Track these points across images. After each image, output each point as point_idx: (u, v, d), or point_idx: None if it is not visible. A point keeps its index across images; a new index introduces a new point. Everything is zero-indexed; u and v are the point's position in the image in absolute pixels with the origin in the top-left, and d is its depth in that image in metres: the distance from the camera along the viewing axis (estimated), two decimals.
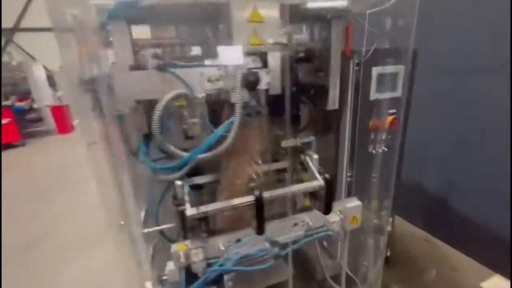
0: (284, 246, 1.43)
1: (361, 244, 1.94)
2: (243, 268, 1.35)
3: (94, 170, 1.19)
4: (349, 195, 1.92)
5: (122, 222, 1.43)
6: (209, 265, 1.32)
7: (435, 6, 2.31)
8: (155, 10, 1.04)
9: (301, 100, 1.53)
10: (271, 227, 1.45)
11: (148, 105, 1.14)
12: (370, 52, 1.63)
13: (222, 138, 1.13)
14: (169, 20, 1.31)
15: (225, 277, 1.74)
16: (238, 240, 1.37)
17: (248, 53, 1.00)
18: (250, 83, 0.93)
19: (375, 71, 1.69)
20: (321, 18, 1.37)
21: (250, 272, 1.45)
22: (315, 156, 1.62)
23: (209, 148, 1.12)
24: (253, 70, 1.00)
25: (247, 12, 0.95)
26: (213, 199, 1.50)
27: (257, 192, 1.06)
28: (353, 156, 1.86)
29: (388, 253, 2.34)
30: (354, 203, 1.58)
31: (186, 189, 1.34)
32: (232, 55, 0.98)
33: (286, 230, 1.46)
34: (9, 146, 6.61)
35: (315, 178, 1.55)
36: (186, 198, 1.33)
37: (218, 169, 1.48)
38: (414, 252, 2.56)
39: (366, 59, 1.65)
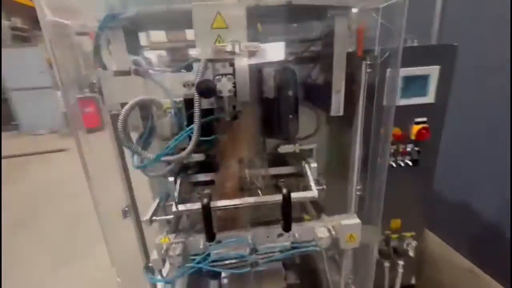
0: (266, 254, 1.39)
1: (373, 266, 1.76)
2: (220, 269, 1.38)
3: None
4: (360, 210, 1.74)
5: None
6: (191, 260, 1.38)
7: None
8: (139, 18, 1.12)
9: (299, 106, 1.44)
10: (256, 233, 1.43)
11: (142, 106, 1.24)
12: (387, 53, 1.43)
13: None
14: (155, 27, 1.38)
15: (222, 274, 1.79)
16: (219, 242, 1.39)
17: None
18: (205, 90, 0.92)
19: (391, 73, 1.48)
20: (316, 16, 1.27)
21: (246, 274, 1.46)
22: (314, 165, 1.52)
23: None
24: (218, 76, 0.99)
25: (210, 19, 0.94)
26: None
27: (204, 201, 1.06)
28: (366, 168, 1.68)
29: (413, 281, 2.06)
30: (351, 220, 1.43)
31: (174, 186, 1.41)
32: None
33: (270, 239, 1.41)
34: (92, 130, 8.02)
35: (310, 188, 1.47)
36: (176, 194, 1.40)
37: (211, 169, 1.52)
38: (450, 283, 2.19)
39: (383, 60, 1.46)
